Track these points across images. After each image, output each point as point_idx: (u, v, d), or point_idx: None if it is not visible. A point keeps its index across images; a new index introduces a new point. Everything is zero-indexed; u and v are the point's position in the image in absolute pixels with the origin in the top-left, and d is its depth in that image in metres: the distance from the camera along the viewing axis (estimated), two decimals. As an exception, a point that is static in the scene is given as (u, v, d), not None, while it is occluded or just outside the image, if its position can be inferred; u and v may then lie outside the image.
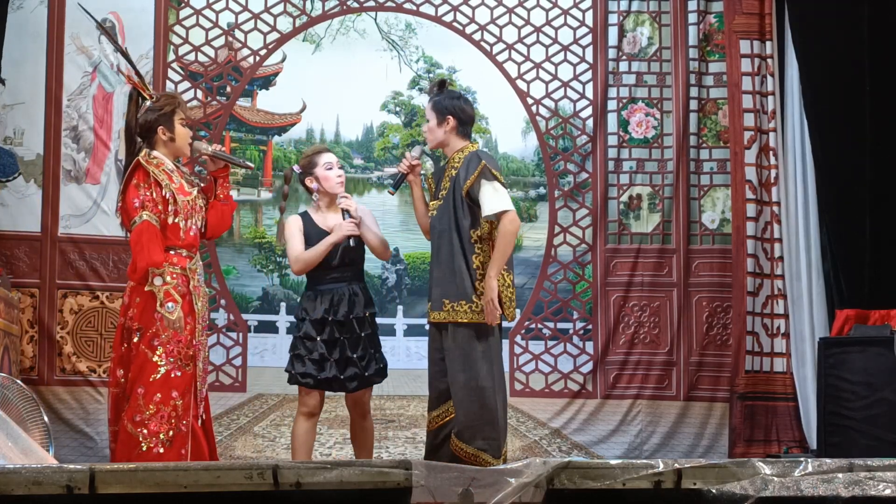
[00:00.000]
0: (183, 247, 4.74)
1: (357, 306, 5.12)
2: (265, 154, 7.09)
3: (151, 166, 4.70)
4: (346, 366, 5.07)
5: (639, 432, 6.89)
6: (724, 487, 2.49)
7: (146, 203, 4.65)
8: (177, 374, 4.63)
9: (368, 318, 5.16)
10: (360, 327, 5.11)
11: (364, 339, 5.12)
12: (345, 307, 5.09)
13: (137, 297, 4.68)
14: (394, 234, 7.04)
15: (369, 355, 5.13)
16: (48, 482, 2.42)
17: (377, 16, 7.14)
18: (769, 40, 7.00)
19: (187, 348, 4.67)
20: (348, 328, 5.09)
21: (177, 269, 4.69)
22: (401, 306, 7.03)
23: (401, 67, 7.15)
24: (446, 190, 5.03)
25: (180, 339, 4.64)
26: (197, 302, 4.75)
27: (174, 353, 4.63)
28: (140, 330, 4.64)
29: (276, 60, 7.04)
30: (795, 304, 6.85)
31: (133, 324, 4.67)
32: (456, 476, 2.47)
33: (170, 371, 4.62)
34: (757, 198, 6.96)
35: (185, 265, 4.73)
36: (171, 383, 4.61)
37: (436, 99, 5.10)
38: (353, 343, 5.09)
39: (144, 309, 4.65)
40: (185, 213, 4.75)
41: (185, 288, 4.70)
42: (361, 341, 5.11)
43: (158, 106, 4.82)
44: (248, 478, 2.45)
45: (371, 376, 5.14)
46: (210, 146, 4.96)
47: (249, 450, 6.59)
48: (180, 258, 4.73)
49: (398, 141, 7.15)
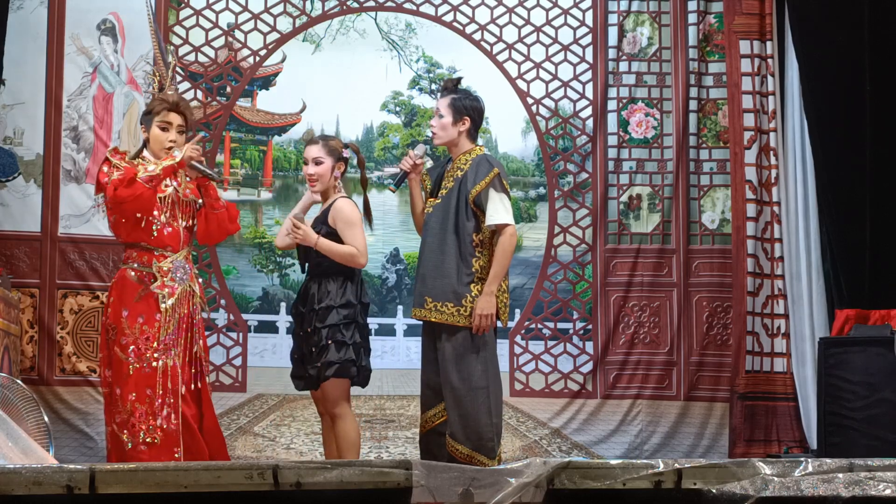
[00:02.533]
0: (155, 245, 4.73)
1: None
2: (265, 154, 7.09)
3: (115, 157, 4.73)
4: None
5: (639, 432, 6.89)
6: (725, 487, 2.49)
7: (113, 172, 4.66)
8: (146, 370, 4.63)
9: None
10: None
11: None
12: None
13: (112, 296, 4.73)
14: (394, 234, 7.04)
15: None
16: (48, 482, 2.42)
17: (377, 16, 7.14)
18: (769, 40, 7.00)
19: (154, 343, 4.65)
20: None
21: (135, 264, 4.70)
22: (401, 306, 7.02)
23: (401, 67, 7.15)
24: (447, 190, 5.00)
25: (147, 335, 4.64)
26: (166, 300, 4.72)
27: (139, 350, 4.63)
28: (113, 328, 4.69)
29: (276, 60, 7.04)
30: (795, 304, 6.85)
31: (109, 323, 4.71)
32: (456, 476, 2.47)
33: (139, 368, 4.63)
34: (757, 198, 6.96)
35: (149, 262, 4.72)
36: (142, 380, 4.62)
37: (455, 96, 5.03)
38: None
39: (115, 307, 4.70)
40: (159, 209, 4.73)
41: (145, 283, 4.70)
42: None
43: (149, 105, 4.88)
44: (249, 478, 2.45)
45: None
46: (182, 153, 4.75)
47: (249, 450, 6.59)
48: (150, 255, 4.72)
49: (398, 141, 7.15)
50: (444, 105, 5.03)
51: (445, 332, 4.90)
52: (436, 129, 5.07)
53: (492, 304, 4.84)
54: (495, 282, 4.87)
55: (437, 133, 5.07)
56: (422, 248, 5.07)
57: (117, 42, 6.79)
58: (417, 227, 5.23)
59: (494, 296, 4.86)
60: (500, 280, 4.89)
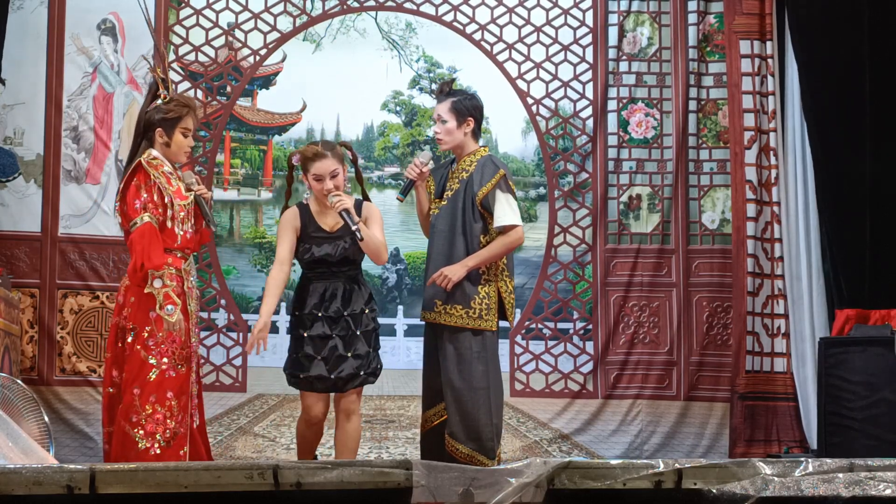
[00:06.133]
0: (178, 249, 4.74)
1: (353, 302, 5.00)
2: (265, 154, 7.09)
3: (152, 168, 4.70)
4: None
5: (639, 432, 6.89)
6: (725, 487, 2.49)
7: (147, 205, 4.64)
8: (171, 374, 4.62)
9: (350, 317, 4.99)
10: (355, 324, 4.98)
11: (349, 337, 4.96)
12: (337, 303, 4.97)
13: (132, 296, 4.67)
14: (394, 234, 7.04)
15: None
16: (49, 482, 2.42)
17: (377, 15, 7.14)
18: (769, 40, 7.00)
19: (182, 349, 4.66)
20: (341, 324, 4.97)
21: (172, 269, 4.68)
22: (401, 306, 7.03)
23: (401, 67, 7.15)
24: (453, 192, 4.99)
25: (175, 339, 4.63)
26: (190, 303, 4.75)
27: (169, 353, 4.62)
28: (134, 330, 4.63)
29: (277, 60, 7.04)
30: (796, 304, 6.85)
31: (127, 323, 4.66)
32: (456, 476, 2.47)
33: (165, 371, 4.61)
34: (757, 198, 6.96)
35: (180, 266, 4.73)
36: (166, 384, 4.61)
37: (455, 99, 4.98)
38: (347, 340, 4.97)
39: (139, 308, 4.64)
40: (181, 217, 4.74)
41: (180, 289, 4.70)
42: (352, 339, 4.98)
43: (166, 108, 4.79)
44: (249, 478, 2.45)
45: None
46: (196, 184, 4.84)
47: (249, 450, 6.59)
48: (175, 259, 4.72)
49: (398, 140, 7.15)
50: (446, 110, 4.99)
51: (448, 331, 4.91)
52: (441, 134, 5.01)
53: (458, 273, 4.82)
54: (476, 260, 4.85)
55: (442, 139, 5.01)
56: (429, 250, 5.06)
57: (117, 42, 6.79)
58: (424, 228, 5.22)
59: (465, 269, 4.83)
60: (483, 261, 4.86)
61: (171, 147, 4.79)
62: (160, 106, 4.79)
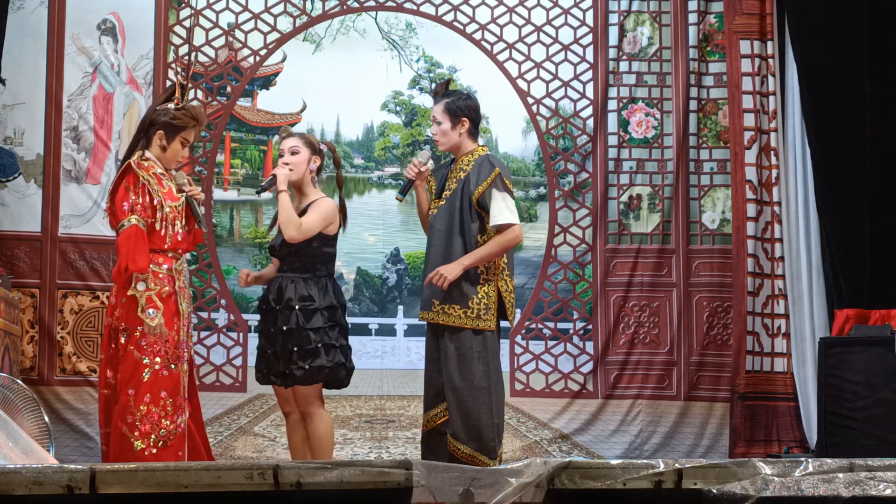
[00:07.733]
0: (169, 249, 4.73)
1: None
2: (265, 154, 7.09)
3: (142, 171, 4.69)
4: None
5: (639, 432, 6.89)
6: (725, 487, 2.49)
7: (135, 207, 4.64)
8: (164, 373, 4.62)
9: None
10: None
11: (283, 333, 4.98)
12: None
13: (124, 297, 4.67)
14: (394, 233, 7.04)
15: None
16: (49, 482, 2.42)
17: (377, 15, 7.14)
18: (769, 40, 7.00)
19: (175, 348, 4.66)
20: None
21: (162, 268, 4.68)
22: (401, 306, 7.03)
23: (401, 67, 7.15)
24: (451, 191, 4.99)
25: (168, 338, 4.64)
26: (182, 302, 4.74)
27: (162, 353, 4.62)
28: (127, 330, 4.63)
29: (277, 60, 7.04)
30: (796, 304, 6.85)
31: (119, 324, 4.66)
32: (456, 476, 2.47)
33: (158, 371, 4.61)
34: (757, 198, 6.96)
35: (171, 266, 4.72)
36: (160, 383, 4.60)
37: (449, 101, 4.99)
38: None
39: (130, 309, 4.64)
40: (171, 218, 4.73)
41: (171, 288, 4.69)
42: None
43: (174, 114, 4.78)
44: (249, 478, 2.45)
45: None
46: (188, 185, 4.85)
47: (249, 450, 6.59)
48: (166, 259, 4.72)
49: (398, 140, 7.15)
50: (440, 111, 5.01)
51: (449, 331, 4.91)
52: (437, 136, 5.05)
53: (454, 272, 4.81)
54: (472, 258, 4.84)
55: (438, 140, 5.04)
56: (428, 250, 5.06)
57: (117, 42, 6.79)
58: (424, 228, 5.23)
59: (461, 268, 4.83)
60: (479, 260, 4.85)
61: (166, 152, 4.79)
62: (170, 110, 4.79)
